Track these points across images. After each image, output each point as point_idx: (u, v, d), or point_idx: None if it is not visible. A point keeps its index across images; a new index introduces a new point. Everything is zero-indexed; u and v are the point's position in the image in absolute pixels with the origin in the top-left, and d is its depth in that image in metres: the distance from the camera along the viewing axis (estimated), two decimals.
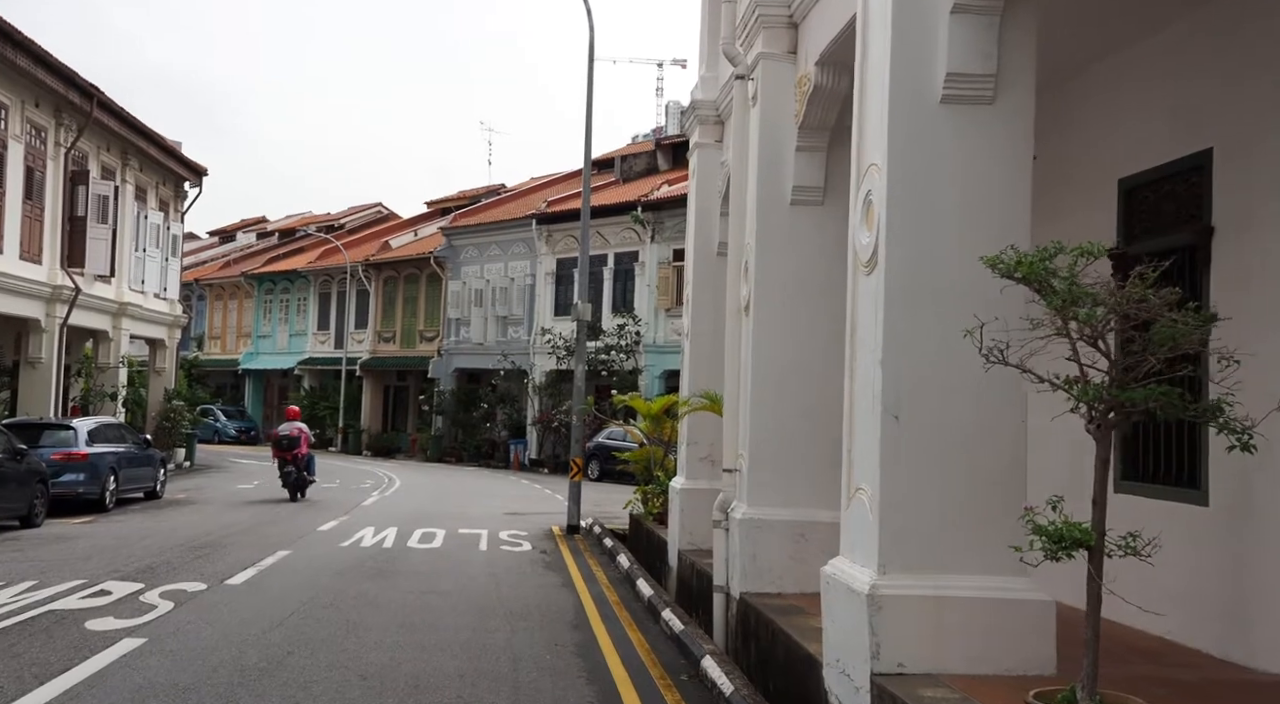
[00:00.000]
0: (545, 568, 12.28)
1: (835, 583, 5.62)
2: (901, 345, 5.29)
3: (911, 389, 5.26)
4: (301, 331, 46.84)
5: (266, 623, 8.35)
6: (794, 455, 8.24)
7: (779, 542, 8.12)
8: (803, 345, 8.30)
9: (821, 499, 8.22)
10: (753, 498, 8.25)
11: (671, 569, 11.59)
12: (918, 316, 5.29)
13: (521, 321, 36.72)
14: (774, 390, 8.29)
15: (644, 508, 14.35)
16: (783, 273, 8.35)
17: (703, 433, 11.26)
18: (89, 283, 23.89)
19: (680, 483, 11.49)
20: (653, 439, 15.65)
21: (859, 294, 5.74)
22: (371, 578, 10.86)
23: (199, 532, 14.39)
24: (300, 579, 10.61)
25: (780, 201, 8.41)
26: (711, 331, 11.41)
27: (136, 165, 26.98)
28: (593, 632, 8.66)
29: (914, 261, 5.31)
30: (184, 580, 10.20)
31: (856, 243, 5.73)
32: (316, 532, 14.87)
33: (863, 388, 5.59)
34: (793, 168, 8.34)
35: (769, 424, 8.27)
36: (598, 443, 27.91)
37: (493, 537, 14.98)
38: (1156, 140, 7.06)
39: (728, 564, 8.56)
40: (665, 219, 32.13)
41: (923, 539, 5.21)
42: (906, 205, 5.31)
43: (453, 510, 18.84)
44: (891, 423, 5.25)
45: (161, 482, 20.08)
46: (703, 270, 11.64)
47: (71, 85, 21.92)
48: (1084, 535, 3.74)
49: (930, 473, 5.24)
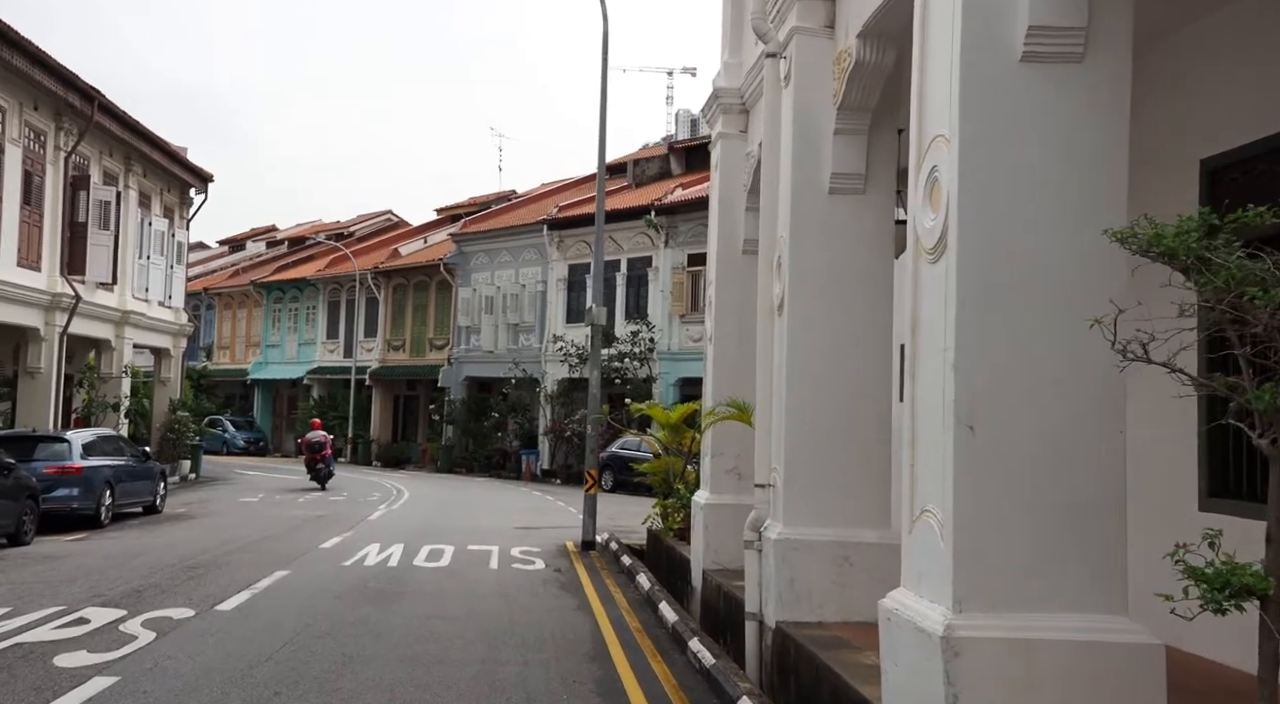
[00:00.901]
0: (560, 589, 11.50)
1: (899, 621, 4.85)
2: (978, 343, 4.52)
3: (990, 394, 4.50)
4: (310, 341, 46.31)
5: (255, 656, 7.60)
6: (834, 468, 7.50)
7: (819, 564, 7.38)
8: (843, 347, 7.57)
9: (865, 516, 7.50)
10: (789, 516, 7.50)
11: (695, 590, 10.82)
12: (997, 309, 4.52)
13: (533, 329, 36.06)
14: (811, 397, 7.56)
15: (663, 523, 13.58)
16: (820, 268, 7.62)
17: (728, 443, 10.51)
18: (90, 291, 23.31)
19: (704, 497, 10.74)
20: (672, 450, 14.91)
21: (922, 285, 4.97)
22: (373, 602, 10.10)
23: (195, 549, 13.66)
24: (297, 603, 9.85)
25: (817, 190, 7.66)
26: (737, 335, 10.68)
27: (140, 171, 26.38)
28: (613, 664, 7.88)
29: (992, 244, 4.54)
30: (171, 605, 9.44)
31: (918, 226, 4.97)
32: (318, 549, 14.12)
33: (928, 393, 4.82)
34: (831, 153, 7.59)
35: (806, 434, 7.53)
36: (611, 453, 27.18)
37: (504, 554, 14.22)
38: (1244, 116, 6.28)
39: (761, 589, 7.80)
40: (679, 223, 31.47)
41: (1006, 571, 4.44)
42: (982, 180, 4.54)
43: (462, 525, 18.09)
44: (966, 434, 4.49)
45: (161, 495, 19.40)
46: (726, 270, 10.88)
47: (71, 87, 21.32)
48: (1257, 581, 2.95)
49: (1014, 492, 4.47)
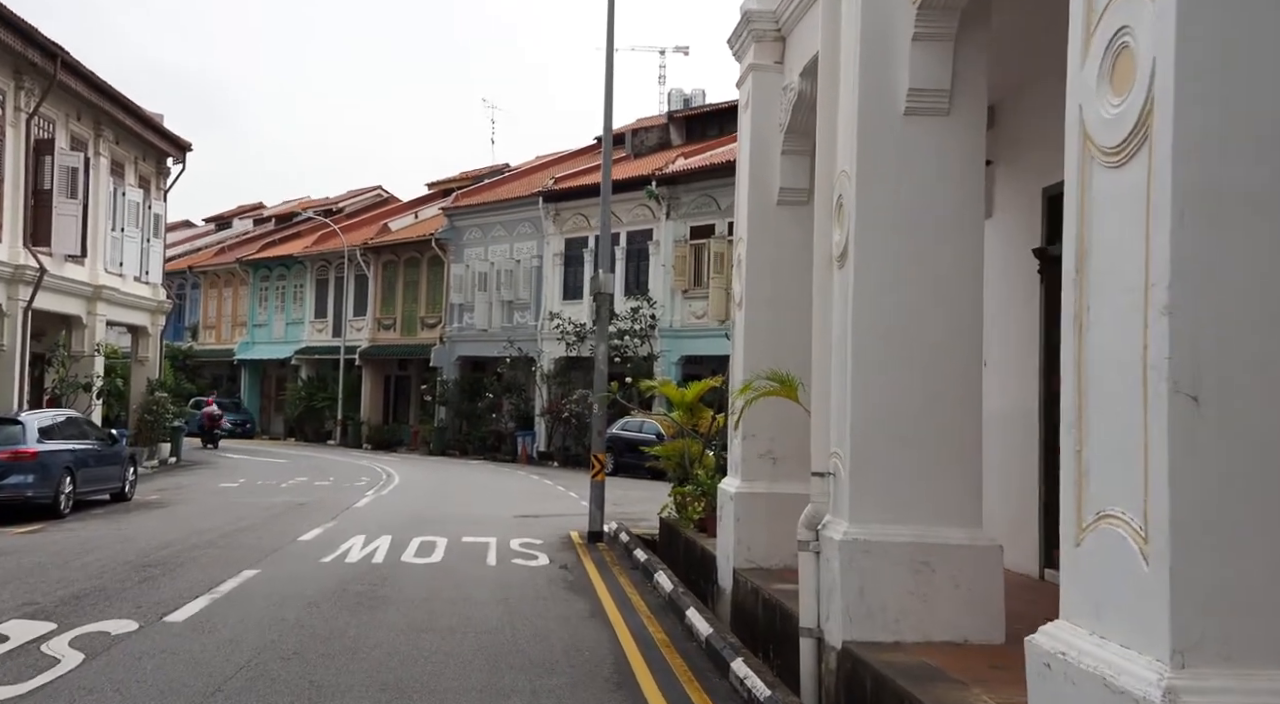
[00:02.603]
0: (568, 590, 10.09)
1: (1072, 673, 3.45)
2: (1206, 279, 3.11)
3: (1226, 350, 3.10)
4: (298, 320, 44.78)
5: (201, 686, 6.16)
6: (912, 452, 6.13)
7: (894, 572, 6.01)
8: (923, 304, 6.19)
9: (951, 512, 6.12)
10: (856, 511, 6.13)
11: (723, 591, 9.45)
12: (1235, 226, 3.12)
13: (528, 306, 34.61)
14: (884, 364, 6.18)
15: (680, 513, 12.18)
16: (893, 207, 6.22)
17: (761, 424, 9.07)
18: (58, 263, 21.82)
19: (734, 485, 9.33)
20: (687, 431, 13.51)
21: (1098, 198, 3.55)
22: (353, 609, 8.66)
23: (157, 543, 12.22)
24: (262, 612, 8.40)
25: (889, 111, 6.25)
26: (770, 298, 9.27)
27: (112, 137, 24.79)
28: (642, 693, 6.45)
29: (1221, 136, 3.13)
30: (112, 616, 7.98)
31: (1098, 113, 3.54)
32: (296, 542, 12.69)
33: (1113, 350, 3.41)
34: (908, 65, 6.17)
35: (878, 411, 6.16)
36: (612, 434, 25.67)
37: (503, 546, 12.82)
38: None
39: (820, 599, 6.41)
40: (681, 194, 30.02)
41: (1252, 606, 3.05)
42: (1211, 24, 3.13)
43: (456, 512, 16.68)
44: (1187, 409, 3.08)
45: (131, 482, 17.94)
46: (759, 223, 9.44)
47: (31, 43, 19.74)
48: None
49: (1263, 493, 3.08)
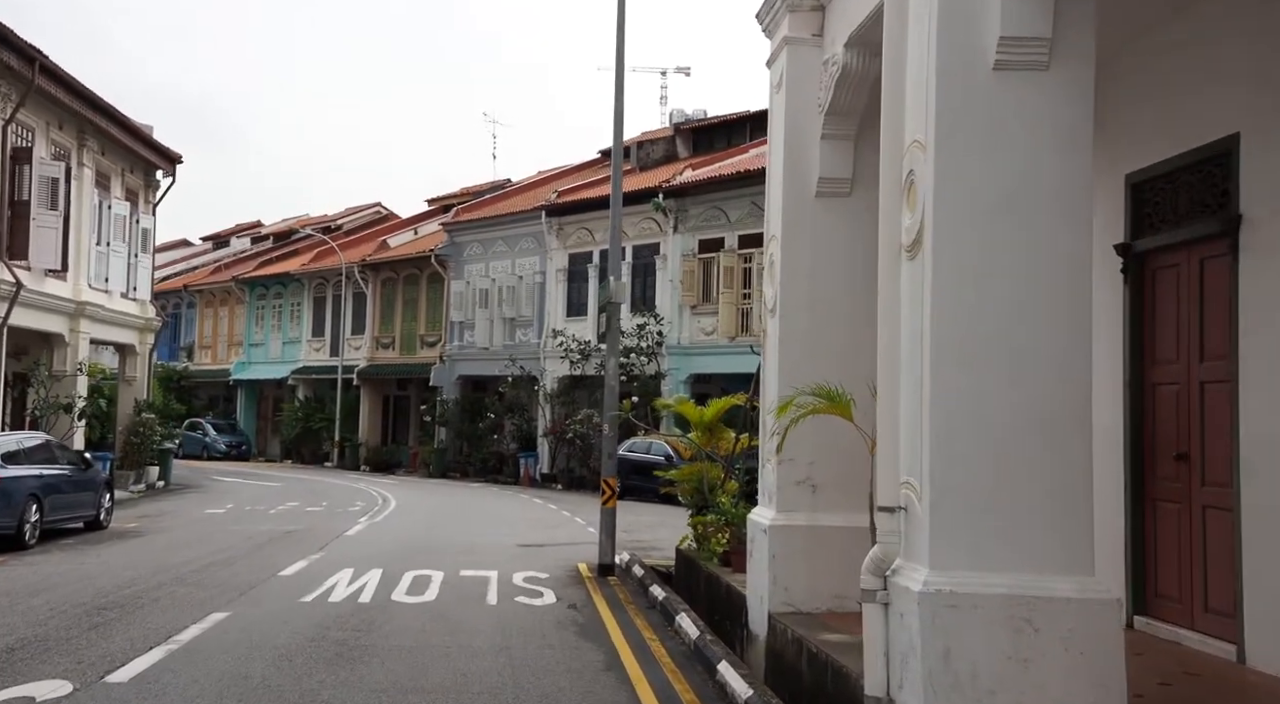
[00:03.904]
0: (579, 635, 8.88)
1: None
2: None
3: None
4: (295, 339, 43.69)
5: None
6: (1009, 484, 4.98)
7: (989, 631, 4.87)
8: (1019, 299, 5.06)
9: (1055, 558, 4.96)
10: (938, 555, 4.98)
11: (756, 637, 8.27)
12: None
13: (530, 323, 33.51)
14: (969, 375, 5.06)
15: (701, 545, 11.00)
16: (981, 181, 5.11)
17: (799, 447, 7.87)
18: (37, 278, 20.77)
19: (768, 516, 8.16)
20: (706, 454, 12.36)
21: None
22: (330, 663, 7.45)
23: (121, 580, 11.02)
24: (222, 668, 7.18)
25: (975, 67, 5.15)
26: (809, 303, 8.12)
27: (96, 147, 23.77)
28: None
29: None
30: (45, 676, 6.77)
31: None
32: (275, 577, 11.48)
33: None
34: (999, 7, 5.06)
35: (962, 433, 5.02)
36: (618, 456, 24.55)
37: (505, 581, 11.61)
38: None
39: (890, 662, 5.25)
40: (689, 206, 29.03)
41: None
42: None
43: (455, 541, 15.49)
44: None
45: (107, 508, 16.75)
46: (794, 219, 8.29)
47: (6, 45, 18.74)
48: None
49: None
